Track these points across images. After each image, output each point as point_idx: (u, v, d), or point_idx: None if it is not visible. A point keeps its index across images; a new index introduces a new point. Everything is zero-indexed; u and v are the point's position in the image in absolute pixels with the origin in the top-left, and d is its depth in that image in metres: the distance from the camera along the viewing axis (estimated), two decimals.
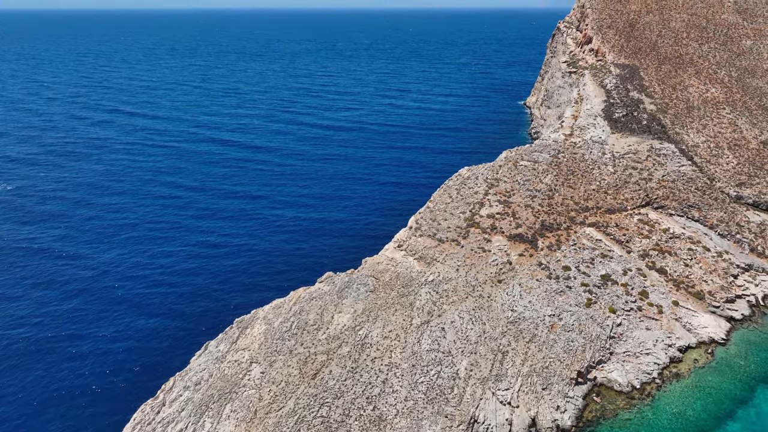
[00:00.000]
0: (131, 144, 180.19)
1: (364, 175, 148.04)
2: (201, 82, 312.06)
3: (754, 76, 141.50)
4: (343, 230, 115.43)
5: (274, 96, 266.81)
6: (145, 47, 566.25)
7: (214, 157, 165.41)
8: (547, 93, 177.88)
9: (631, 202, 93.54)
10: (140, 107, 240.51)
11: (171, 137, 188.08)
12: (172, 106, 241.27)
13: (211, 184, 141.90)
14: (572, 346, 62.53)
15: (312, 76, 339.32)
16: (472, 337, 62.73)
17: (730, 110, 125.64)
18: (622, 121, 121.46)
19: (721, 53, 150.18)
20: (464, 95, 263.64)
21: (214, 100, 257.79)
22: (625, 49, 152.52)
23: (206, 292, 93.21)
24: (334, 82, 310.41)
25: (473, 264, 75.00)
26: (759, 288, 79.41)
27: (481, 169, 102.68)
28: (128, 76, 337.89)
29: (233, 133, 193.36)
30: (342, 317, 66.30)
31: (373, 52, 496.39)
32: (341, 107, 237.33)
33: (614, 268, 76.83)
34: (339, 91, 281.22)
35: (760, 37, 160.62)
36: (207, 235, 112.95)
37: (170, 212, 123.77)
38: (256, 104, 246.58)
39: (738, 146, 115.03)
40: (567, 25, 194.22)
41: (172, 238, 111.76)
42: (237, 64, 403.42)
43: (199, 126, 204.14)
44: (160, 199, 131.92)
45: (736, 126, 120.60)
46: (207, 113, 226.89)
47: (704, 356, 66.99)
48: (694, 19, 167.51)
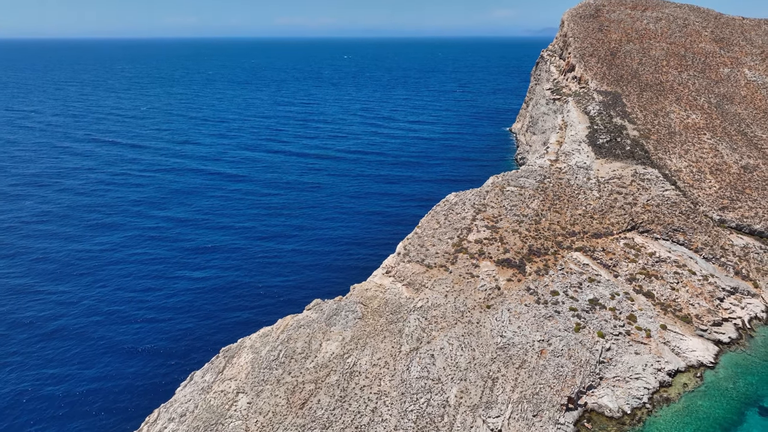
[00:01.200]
0: (114, 174, 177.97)
1: (352, 202, 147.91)
2: (186, 111, 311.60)
3: (732, 102, 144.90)
4: (332, 257, 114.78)
5: (259, 124, 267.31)
6: (130, 76, 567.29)
7: (198, 187, 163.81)
8: (532, 119, 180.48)
9: (616, 227, 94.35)
10: (123, 136, 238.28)
11: (155, 167, 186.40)
12: (157, 135, 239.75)
13: (196, 215, 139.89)
14: (562, 371, 62.22)
15: (298, 104, 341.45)
16: (461, 363, 62.22)
17: (711, 136, 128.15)
18: (606, 147, 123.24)
19: (700, 81, 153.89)
20: (450, 122, 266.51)
21: (199, 128, 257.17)
22: (608, 76, 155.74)
23: (192, 321, 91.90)
24: (320, 110, 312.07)
25: (462, 289, 74.84)
26: (745, 311, 79.99)
27: (468, 194, 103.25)
28: (112, 105, 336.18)
29: (218, 163, 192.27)
30: (330, 345, 65.53)
31: (359, 80, 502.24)
32: (327, 135, 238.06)
33: (602, 292, 77.05)
34: (325, 119, 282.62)
35: (737, 65, 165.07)
36: (192, 265, 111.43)
37: (154, 243, 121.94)
38: (242, 133, 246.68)
39: (719, 171, 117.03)
40: (550, 53, 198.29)
41: (156, 268, 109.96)
42: (223, 92, 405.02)
43: (183, 155, 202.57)
44: (144, 230, 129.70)
45: (717, 151, 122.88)
46: (192, 142, 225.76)
47: (693, 380, 66.96)
48: (673, 47, 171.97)
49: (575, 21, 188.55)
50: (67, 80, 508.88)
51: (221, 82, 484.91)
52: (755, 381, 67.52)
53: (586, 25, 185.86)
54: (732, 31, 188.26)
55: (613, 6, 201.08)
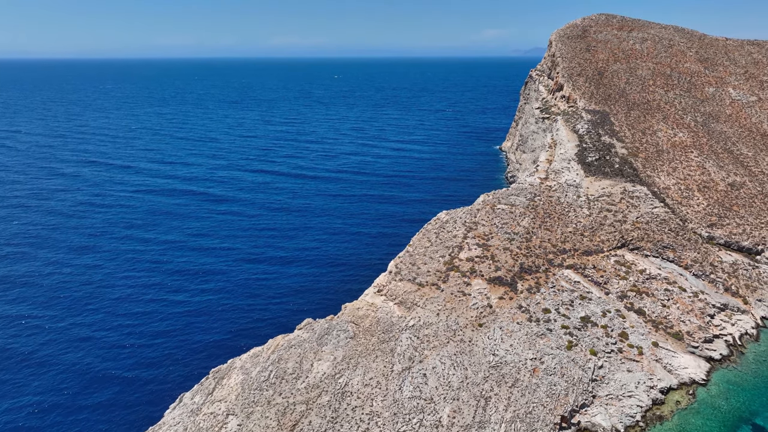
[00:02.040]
0: (101, 196, 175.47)
1: (343, 221, 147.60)
2: (176, 131, 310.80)
3: (718, 121, 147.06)
4: (323, 276, 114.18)
5: (250, 144, 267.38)
6: (121, 96, 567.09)
7: (187, 209, 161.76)
8: (522, 138, 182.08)
9: (607, 244, 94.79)
10: (111, 157, 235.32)
11: (143, 188, 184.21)
12: (145, 156, 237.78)
13: (185, 237, 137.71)
14: (555, 389, 61.90)
15: (289, 123, 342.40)
16: (454, 382, 61.76)
17: (698, 154, 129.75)
18: (595, 165, 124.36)
19: (686, 99, 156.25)
20: (441, 141, 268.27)
21: (188, 148, 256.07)
22: (596, 95, 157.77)
23: (182, 343, 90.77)
24: (310, 130, 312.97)
25: (454, 308, 74.61)
26: (735, 327, 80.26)
27: (459, 212, 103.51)
28: (101, 125, 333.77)
29: (206, 183, 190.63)
30: (322, 365, 64.89)
31: (350, 100, 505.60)
32: (318, 155, 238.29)
33: (593, 309, 77.08)
34: (315, 138, 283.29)
35: (721, 84, 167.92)
36: (182, 288, 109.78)
37: (142, 266, 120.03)
38: (231, 153, 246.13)
39: (707, 188, 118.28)
40: (539, 73, 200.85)
41: (145, 292, 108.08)
42: (214, 112, 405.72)
43: (172, 176, 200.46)
44: (132, 253, 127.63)
45: (704, 169, 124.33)
46: (181, 162, 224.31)
47: (686, 398, 66.82)
48: (659, 67, 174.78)
49: (563, 41, 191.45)
50: (55, 100, 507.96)
51: (212, 102, 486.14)
52: (747, 398, 67.51)
53: (573, 45, 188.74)
54: (716, 52, 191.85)
55: (599, 27, 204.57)
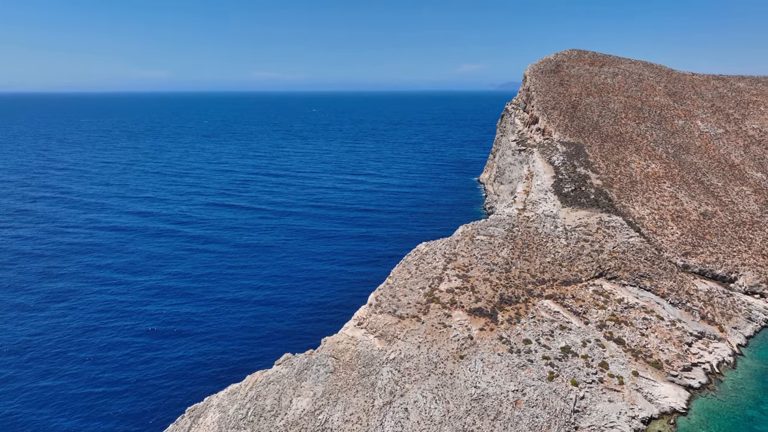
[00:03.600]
0: (75, 228, 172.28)
1: (323, 253, 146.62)
2: (152, 165, 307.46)
3: (688, 152, 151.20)
4: (302, 310, 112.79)
5: (228, 177, 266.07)
6: (96, 129, 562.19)
7: (163, 242, 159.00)
8: (499, 170, 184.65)
9: (585, 274, 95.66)
10: (82, 194, 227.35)
11: (114, 226, 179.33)
12: (117, 192, 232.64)
13: (159, 274, 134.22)
14: (537, 422, 61.42)
15: (267, 157, 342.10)
16: (436, 417, 60.93)
17: (670, 184, 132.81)
18: (571, 196, 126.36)
19: (657, 132, 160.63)
20: (419, 173, 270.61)
21: (163, 183, 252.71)
22: (570, 128, 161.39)
23: (157, 381, 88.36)
24: (289, 163, 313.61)
25: (434, 340, 74.13)
26: (713, 355, 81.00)
27: (439, 244, 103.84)
28: (75, 160, 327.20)
29: (181, 219, 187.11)
30: (301, 401, 63.61)
31: (328, 133, 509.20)
32: (296, 188, 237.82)
33: (573, 339, 77.24)
34: (295, 171, 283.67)
35: (690, 117, 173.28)
36: (155, 326, 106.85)
37: (115, 300, 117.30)
38: (211, 184, 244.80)
39: (680, 218, 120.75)
40: (514, 106, 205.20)
41: (117, 330, 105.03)
42: (191, 146, 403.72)
43: (146, 212, 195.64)
44: (105, 286, 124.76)
45: (677, 199, 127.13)
46: (155, 198, 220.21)
47: (667, 427, 66.79)
48: (630, 101, 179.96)
49: (537, 76, 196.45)
50: (26, 134, 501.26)
51: (189, 136, 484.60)
52: (727, 426, 67.73)
53: (547, 79, 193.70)
54: (683, 86, 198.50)
55: (572, 62, 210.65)
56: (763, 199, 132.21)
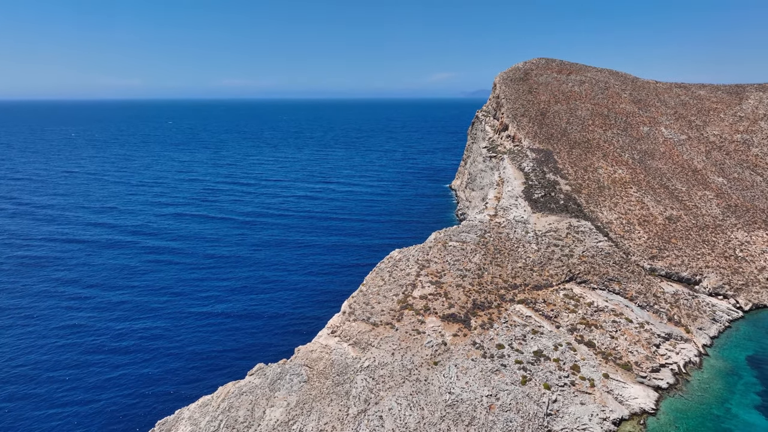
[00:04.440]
0: (38, 240, 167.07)
1: (294, 263, 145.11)
2: (119, 174, 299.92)
3: (653, 158, 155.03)
4: (275, 320, 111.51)
5: (197, 186, 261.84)
6: (62, 138, 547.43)
7: (130, 251, 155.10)
8: (471, 176, 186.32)
9: (555, 278, 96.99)
10: (42, 206, 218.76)
11: (83, 233, 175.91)
12: (81, 204, 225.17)
13: (126, 282, 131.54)
14: (511, 426, 61.82)
15: (238, 164, 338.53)
16: (410, 423, 60.82)
17: (637, 189, 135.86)
18: (541, 201, 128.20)
19: (623, 138, 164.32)
20: (391, 180, 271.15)
21: (131, 192, 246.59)
22: (539, 135, 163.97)
23: (127, 395, 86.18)
24: (260, 170, 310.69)
25: (408, 347, 74.13)
26: (680, 356, 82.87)
27: (412, 251, 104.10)
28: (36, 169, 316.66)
29: (150, 227, 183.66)
30: (274, 411, 62.81)
31: (299, 140, 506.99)
32: (267, 197, 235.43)
33: (545, 343, 78.13)
34: (265, 179, 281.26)
35: (654, 124, 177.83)
36: (124, 338, 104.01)
37: (78, 317, 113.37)
38: (179, 194, 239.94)
39: (647, 222, 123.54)
40: (485, 113, 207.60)
41: (85, 345, 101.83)
42: (159, 154, 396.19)
43: (114, 222, 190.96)
44: (69, 301, 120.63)
45: (644, 203, 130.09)
46: (122, 207, 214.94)
47: (637, 427, 67.99)
48: (597, 108, 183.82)
49: (506, 84, 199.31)
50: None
51: (157, 144, 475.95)
52: (694, 425, 69.31)
53: (516, 87, 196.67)
54: (648, 93, 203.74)
55: (540, 70, 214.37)
56: (725, 203, 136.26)
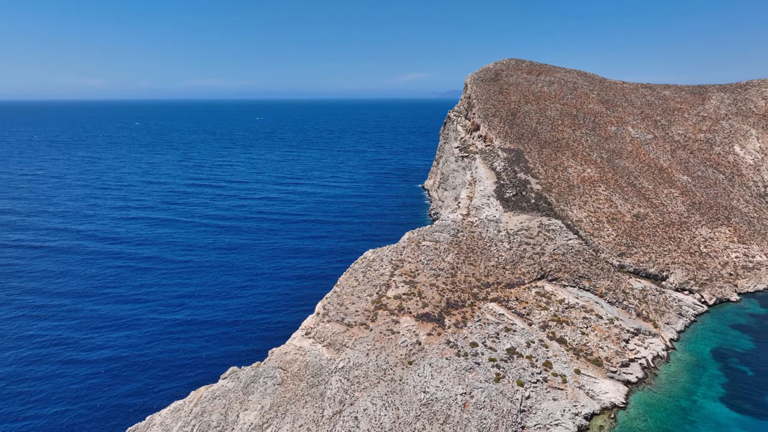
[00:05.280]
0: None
1: (267, 265, 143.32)
2: (85, 176, 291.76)
3: (621, 157, 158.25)
4: (248, 322, 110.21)
5: (165, 188, 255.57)
6: (24, 139, 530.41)
7: (95, 257, 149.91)
8: (443, 176, 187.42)
9: (528, 276, 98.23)
10: (4, 207, 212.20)
11: (44, 239, 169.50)
12: (46, 204, 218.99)
13: (90, 287, 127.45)
14: (485, 423, 62.37)
15: (208, 166, 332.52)
16: (386, 423, 60.86)
17: (605, 188, 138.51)
18: (512, 200, 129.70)
19: (591, 138, 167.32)
20: (363, 181, 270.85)
21: (98, 194, 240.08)
22: (510, 135, 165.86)
23: (94, 400, 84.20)
24: (231, 172, 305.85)
25: (383, 347, 74.17)
26: (648, 350, 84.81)
27: (385, 251, 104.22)
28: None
29: (117, 229, 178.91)
30: (248, 415, 62.15)
31: (271, 141, 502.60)
32: (239, 198, 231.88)
33: (518, 341, 79.07)
34: (237, 180, 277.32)
35: (622, 123, 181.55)
36: (90, 346, 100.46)
37: (40, 323, 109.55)
38: (147, 197, 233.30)
39: (615, 220, 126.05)
40: (456, 114, 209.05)
41: (46, 354, 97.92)
42: (127, 156, 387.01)
43: (80, 224, 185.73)
44: (33, 309, 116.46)
45: (612, 202, 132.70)
46: (90, 208, 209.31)
47: (608, 422, 69.38)
48: (566, 108, 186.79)
49: (477, 84, 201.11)
50: None
51: (125, 145, 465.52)
52: (663, 417, 71.07)
53: (487, 87, 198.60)
54: (615, 94, 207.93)
55: (510, 71, 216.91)
56: (690, 200, 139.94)
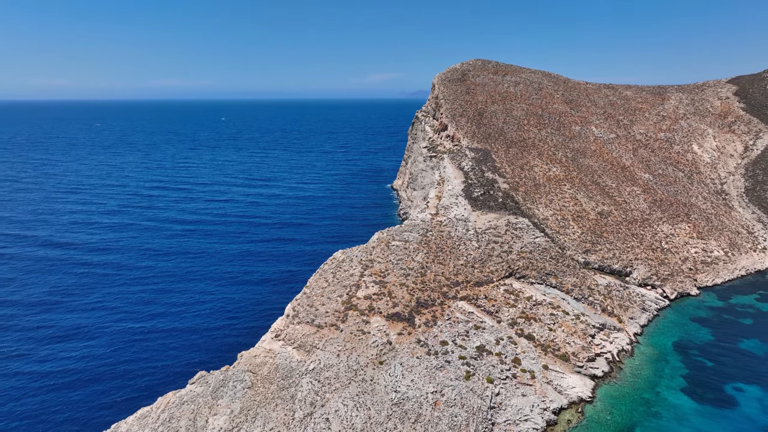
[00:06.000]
0: None
1: (236, 267, 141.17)
2: (44, 178, 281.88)
3: (585, 156, 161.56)
4: (217, 326, 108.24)
5: (127, 191, 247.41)
6: None
7: (54, 264, 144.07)
8: (412, 176, 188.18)
9: (496, 274, 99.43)
10: None
11: (2, 243, 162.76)
12: (5, 206, 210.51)
13: (53, 297, 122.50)
14: (456, 421, 62.88)
15: (172, 168, 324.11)
16: (357, 424, 60.79)
17: (570, 186, 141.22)
18: (480, 200, 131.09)
19: (556, 137, 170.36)
20: (332, 182, 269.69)
21: (57, 198, 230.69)
22: (477, 134, 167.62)
23: (57, 409, 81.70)
24: (195, 174, 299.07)
25: (354, 348, 74.06)
26: (613, 345, 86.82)
27: (355, 251, 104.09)
28: None
29: (77, 235, 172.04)
30: (218, 420, 61.28)
31: (238, 142, 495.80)
32: (205, 200, 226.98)
33: (488, 338, 79.96)
34: (202, 182, 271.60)
35: (585, 123, 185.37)
36: (52, 355, 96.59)
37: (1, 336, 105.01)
38: (108, 201, 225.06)
39: (580, 218, 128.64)
40: (424, 114, 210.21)
41: (3, 366, 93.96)
42: (88, 158, 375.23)
43: (37, 230, 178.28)
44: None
45: (577, 200, 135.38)
46: (48, 213, 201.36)
47: (576, 416, 70.78)
48: (532, 108, 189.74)
49: (445, 84, 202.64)
50: None
51: (85, 147, 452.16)
52: (628, 410, 72.91)
53: (454, 88, 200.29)
54: (579, 94, 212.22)
55: (477, 71, 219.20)
56: (651, 198, 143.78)
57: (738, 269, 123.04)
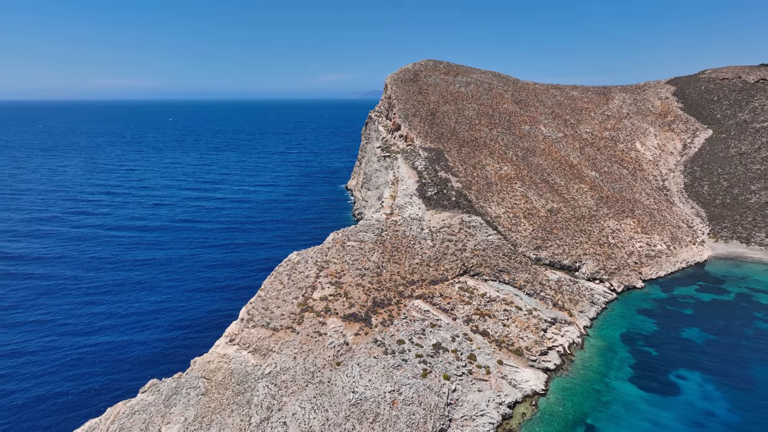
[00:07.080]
0: None
1: (187, 271, 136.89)
2: None
3: (534, 155, 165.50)
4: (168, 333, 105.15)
5: (67, 196, 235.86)
6: None
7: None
8: (366, 176, 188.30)
9: (451, 272, 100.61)
10: None
11: None
12: None
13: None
14: (414, 419, 63.27)
15: (116, 171, 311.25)
16: (315, 426, 60.34)
17: (521, 184, 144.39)
18: (434, 199, 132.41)
19: (507, 137, 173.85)
20: (286, 183, 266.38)
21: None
22: (430, 134, 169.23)
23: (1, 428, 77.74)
24: (142, 177, 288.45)
25: (310, 349, 73.49)
26: (564, 338, 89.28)
27: (310, 252, 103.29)
28: None
29: (17, 244, 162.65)
30: (171, 429, 59.64)
31: (186, 144, 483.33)
32: (152, 204, 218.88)
33: (443, 335, 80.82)
34: (149, 186, 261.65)
35: (534, 123, 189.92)
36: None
37: None
38: (49, 207, 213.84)
39: (531, 215, 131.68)
40: (378, 114, 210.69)
41: None
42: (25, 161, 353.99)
43: None
44: None
45: (528, 198, 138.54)
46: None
47: (530, 409, 72.44)
48: (483, 108, 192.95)
49: (397, 84, 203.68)
50: None
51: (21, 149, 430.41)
52: (579, 400, 75.16)
53: (407, 88, 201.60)
54: (528, 94, 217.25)
55: (429, 71, 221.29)
56: (598, 194, 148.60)
57: (679, 262, 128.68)
